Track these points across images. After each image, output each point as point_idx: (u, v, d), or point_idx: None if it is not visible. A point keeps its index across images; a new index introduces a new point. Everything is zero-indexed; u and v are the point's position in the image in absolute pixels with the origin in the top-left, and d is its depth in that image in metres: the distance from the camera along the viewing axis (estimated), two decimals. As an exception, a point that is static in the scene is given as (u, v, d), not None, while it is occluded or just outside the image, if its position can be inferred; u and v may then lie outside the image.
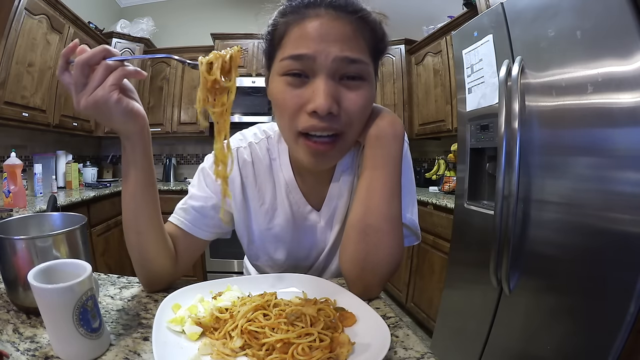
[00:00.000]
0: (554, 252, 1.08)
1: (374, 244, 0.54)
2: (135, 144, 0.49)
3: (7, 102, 1.83)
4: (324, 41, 0.48)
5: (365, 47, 0.51)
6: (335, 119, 0.50)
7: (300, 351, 0.39)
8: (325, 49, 0.48)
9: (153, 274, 0.57)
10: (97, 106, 0.42)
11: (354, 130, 0.53)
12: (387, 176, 0.54)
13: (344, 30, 0.49)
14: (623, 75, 0.88)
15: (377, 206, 0.54)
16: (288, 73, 0.50)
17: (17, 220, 0.55)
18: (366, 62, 0.50)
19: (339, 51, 0.48)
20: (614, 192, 0.92)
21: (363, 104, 0.51)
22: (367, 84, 0.51)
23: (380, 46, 0.55)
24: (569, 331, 1.03)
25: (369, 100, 0.52)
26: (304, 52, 0.48)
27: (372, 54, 0.53)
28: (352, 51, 0.49)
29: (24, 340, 0.43)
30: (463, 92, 1.53)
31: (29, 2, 1.90)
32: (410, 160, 0.66)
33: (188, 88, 3.06)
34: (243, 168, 0.66)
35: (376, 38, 0.53)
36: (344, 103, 0.50)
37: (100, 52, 0.42)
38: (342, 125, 0.51)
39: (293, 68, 0.49)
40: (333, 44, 0.48)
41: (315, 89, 0.48)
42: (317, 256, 0.68)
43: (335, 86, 0.49)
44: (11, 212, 1.50)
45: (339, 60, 0.48)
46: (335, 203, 0.66)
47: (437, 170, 2.57)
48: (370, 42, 0.52)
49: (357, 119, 0.52)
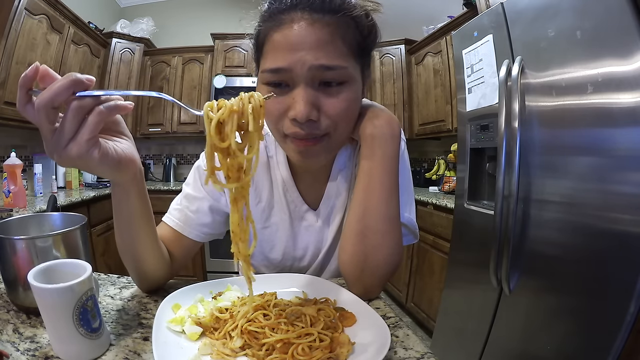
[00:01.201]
0: (554, 252, 1.08)
1: (373, 245, 0.54)
2: (128, 189, 0.44)
3: (7, 102, 1.84)
4: (299, 50, 0.47)
5: (345, 48, 0.49)
6: (316, 124, 0.50)
7: (300, 351, 0.39)
8: (300, 59, 0.47)
9: (149, 280, 0.57)
10: (74, 163, 0.34)
11: (341, 130, 0.53)
12: (384, 176, 0.54)
13: (320, 35, 0.47)
14: (623, 75, 0.88)
15: (376, 207, 0.54)
16: (269, 84, 0.50)
17: (17, 220, 0.55)
18: (344, 66, 0.49)
19: (314, 59, 0.47)
20: (614, 192, 0.92)
21: (345, 107, 0.51)
22: (348, 87, 0.50)
23: (368, 41, 0.54)
24: (569, 331, 1.03)
25: (351, 102, 0.51)
26: (280, 65, 0.48)
27: (355, 53, 0.51)
28: (328, 57, 0.47)
29: (24, 340, 0.43)
30: (463, 92, 1.53)
31: (29, 2, 1.90)
32: (408, 159, 0.66)
33: (188, 88, 3.06)
34: None
35: (361, 34, 0.52)
36: (325, 108, 0.50)
37: (67, 87, 0.32)
38: (324, 129, 0.51)
39: (272, 80, 0.50)
40: (308, 52, 0.47)
41: (294, 96, 0.49)
42: (314, 256, 0.68)
43: (314, 93, 0.49)
44: (11, 212, 1.50)
45: (314, 68, 0.47)
46: (332, 202, 0.65)
47: (437, 170, 2.57)
48: (354, 41, 0.51)
49: (341, 121, 0.52)
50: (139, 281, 0.57)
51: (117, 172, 0.40)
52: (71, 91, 0.32)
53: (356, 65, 0.52)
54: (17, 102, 0.33)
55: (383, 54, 2.99)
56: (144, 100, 3.08)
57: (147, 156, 3.45)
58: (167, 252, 0.58)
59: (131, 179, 0.44)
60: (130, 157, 0.41)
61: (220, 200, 0.64)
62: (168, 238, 0.60)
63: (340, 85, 0.50)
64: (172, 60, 3.07)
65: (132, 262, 0.53)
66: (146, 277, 0.56)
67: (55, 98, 0.31)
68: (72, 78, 0.32)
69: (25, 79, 0.32)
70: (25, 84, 0.32)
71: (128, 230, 0.49)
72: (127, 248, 0.51)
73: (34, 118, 0.32)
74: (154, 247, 0.53)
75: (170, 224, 0.62)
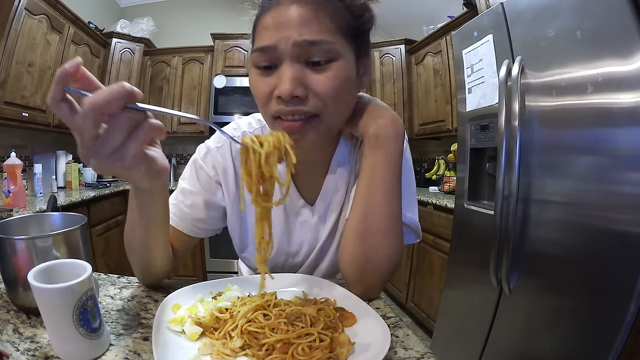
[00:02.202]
0: (554, 252, 1.08)
1: (374, 246, 0.53)
2: (154, 195, 0.45)
3: (7, 102, 1.83)
4: (283, 28, 0.47)
5: (332, 25, 0.48)
6: (303, 101, 0.49)
7: (300, 351, 0.39)
8: (284, 36, 0.47)
9: (154, 276, 0.58)
10: (114, 172, 0.34)
11: (331, 111, 0.51)
12: (387, 177, 0.54)
13: (302, 12, 0.47)
14: (623, 75, 0.88)
15: (378, 208, 0.53)
16: (258, 65, 0.51)
17: (17, 220, 0.55)
18: (330, 41, 0.48)
19: (298, 35, 0.47)
20: (614, 192, 0.92)
21: (333, 85, 0.49)
22: (337, 64, 0.49)
23: (360, 22, 0.52)
24: (569, 331, 1.03)
25: (341, 80, 0.50)
26: (266, 43, 0.48)
27: (345, 31, 0.50)
28: (312, 33, 0.47)
29: (24, 340, 0.43)
30: (463, 92, 1.53)
31: (29, 2, 1.90)
32: (410, 158, 0.65)
33: (188, 88, 3.06)
34: (237, 158, 0.63)
35: (352, 15, 0.51)
36: (312, 86, 0.49)
37: (121, 97, 0.31)
38: (313, 107, 0.49)
39: (260, 60, 0.50)
40: (292, 29, 0.47)
41: (280, 74, 0.48)
42: (308, 253, 0.67)
43: (300, 69, 0.48)
44: (11, 212, 1.50)
45: (298, 44, 0.47)
46: (329, 198, 0.64)
47: (437, 170, 2.57)
48: (342, 20, 0.50)
49: (330, 100, 0.50)
50: (144, 276, 0.58)
51: (153, 180, 0.40)
52: (123, 101, 0.31)
53: (346, 45, 0.50)
54: (51, 97, 0.31)
55: (383, 54, 2.99)
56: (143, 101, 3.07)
57: (147, 156, 3.45)
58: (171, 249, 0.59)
59: (161, 187, 0.44)
60: (166, 166, 0.41)
61: (216, 195, 0.64)
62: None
63: (329, 63, 0.49)
64: (172, 60, 3.07)
65: (141, 259, 0.54)
66: (154, 273, 0.57)
67: (107, 105, 0.30)
68: (126, 89, 0.31)
69: (63, 73, 0.30)
70: (63, 80, 0.31)
71: (145, 231, 0.49)
72: (139, 247, 0.52)
73: (69, 118, 0.31)
74: (166, 245, 0.55)
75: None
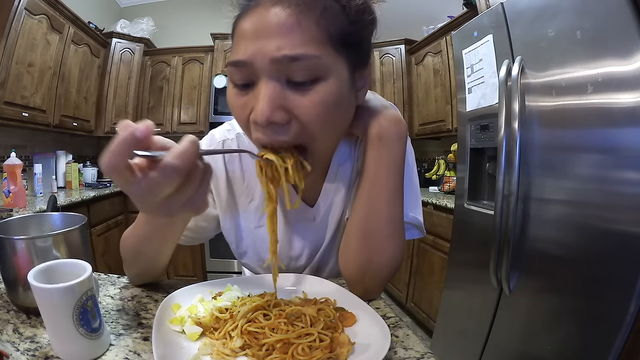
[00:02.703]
0: (554, 252, 1.08)
1: (376, 250, 0.52)
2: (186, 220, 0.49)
3: (7, 102, 1.83)
4: (260, 38, 0.39)
5: (319, 32, 0.40)
6: (284, 129, 0.42)
7: (300, 351, 0.39)
8: (260, 50, 0.39)
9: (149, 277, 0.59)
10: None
11: (321, 140, 0.45)
12: (390, 179, 0.52)
13: (283, 17, 0.39)
14: (623, 75, 0.88)
15: (380, 210, 0.52)
16: (235, 85, 0.44)
17: (17, 220, 0.55)
18: (314, 54, 0.39)
19: (275, 49, 0.39)
20: (614, 192, 0.92)
21: (319, 112, 0.41)
22: (324, 84, 0.41)
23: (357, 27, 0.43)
24: (569, 331, 1.03)
25: (329, 105, 0.42)
26: (240, 57, 0.41)
27: (336, 40, 0.41)
28: (293, 46, 0.39)
29: (24, 340, 0.43)
30: (463, 92, 1.53)
31: (29, 2, 1.90)
32: (413, 154, 0.62)
33: (188, 88, 3.06)
34: (230, 162, 0.62)
35: (347, 17, 0.42)
36: (294, 110, 0.41)
37: (193, 154, 0.30)
38: (296, 137, 0.43)
39: (236, 77, 0.43)
40: (269, 40, 0.39)
41: (256, 94, 0.41)
42: (311, 256, 0.65)
43: (280, 90, 0.40)
44: (11, 212, 1.50)
45: (277, 61, 0.39)
46: (331, 199, 0.61)
47: (437, 170, 2.57)
48: (334, 25, 0.41)
49: (318, 130, 0.43)
50: (140, 278, 0.58)
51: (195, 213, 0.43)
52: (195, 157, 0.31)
53: (338, 56, 0.42)
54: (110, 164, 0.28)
55: (383, 54, 2.99)
56: (143, 100, 3.08)
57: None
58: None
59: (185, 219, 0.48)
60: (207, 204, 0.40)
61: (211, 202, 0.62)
62: None
63: (314, 83, 0.41)
64: (172, 60, 3.07)
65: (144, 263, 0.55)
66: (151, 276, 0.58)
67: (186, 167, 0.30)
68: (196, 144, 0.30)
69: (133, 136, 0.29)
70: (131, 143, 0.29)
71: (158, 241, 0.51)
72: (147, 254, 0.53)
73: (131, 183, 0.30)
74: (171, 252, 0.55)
75: None
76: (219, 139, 0.62)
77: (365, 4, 0.44)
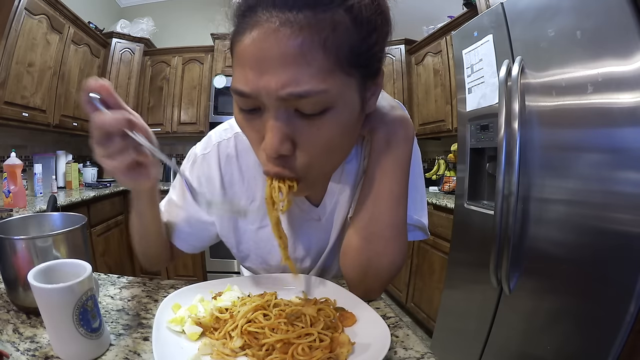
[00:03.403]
0: (554, 252, 1.08)
1: (377, 252, 0.52)
2: (139, 196, 0.52)
3: (7, 102, 1.83)
4: (263, 71, 0.36)
5: (329, 60, 0.36)
6: (289, 160, 0.42)
7: (300, 351, 0.39)
8: (265, 86, 0.37)
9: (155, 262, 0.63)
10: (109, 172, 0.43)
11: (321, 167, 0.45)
12: (394, 182, 0.51)
13: (287, 47, 0.35)
14: (623, 75, 0.88)
15: (383, 214, 0.51)
16: (242, 110, 0.42)
17: (17, 220, 0.55)
18: (322, 89, 0.36)
19: (280, 87, 0.36)
20: (614, 192, 0.92)
21: (326, 141, 0.41)
22: (333, 112, 0.39)
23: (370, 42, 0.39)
24: (569, 331, 1.03)
25: (337, 132, 0.41)
26: (245, 90, 0.38)
27: (347, 62, 0.38)
28: (298, 82, 0.36)
29: (24, 340, 0.43)
30: (463, 92, 1.53)
31: (29, 2, 1.90)
32: (419, 154, 0.60)
33: (188, 88, 3.06)
34: (225, 165, 0.60)
35: (359, 33, 0.38)
36: (301, 139, 0.40)
37: (122, 125, 0.40)
38: (299, 168, 0.42)
39: (242, 103, 0.41)
40: (273, 75, 0.36)
41: (266, 125, 0.40)
42: (317, 257, 0.63)
43: (288, 122, 0.39)
44: (11, 212, 1.50)
45: (282, 99, 0.37)
46: (336, 198, 0.59)
47: (437, 170, 2.57)
48: (345, 46, 0.37)
49: (322, 159, 0.43)
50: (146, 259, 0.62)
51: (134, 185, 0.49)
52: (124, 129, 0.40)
53: (347, 79, 0.39)
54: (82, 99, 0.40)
55: (383, 54, 2.99)
56: (144, 100, 3.08)
57: (147, 156, 3.45)
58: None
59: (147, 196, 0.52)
60: (147, 178, 0.47)
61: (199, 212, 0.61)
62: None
63: (323, 113, 0.39)
64: (172, 60, 3.07)
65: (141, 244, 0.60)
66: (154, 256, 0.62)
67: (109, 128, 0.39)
68: (127, 120, 0.40)
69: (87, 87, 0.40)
70: (87, 90, 0.40)
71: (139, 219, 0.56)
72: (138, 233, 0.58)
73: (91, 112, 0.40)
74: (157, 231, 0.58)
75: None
76: (215, 140, 0.61)
77: (379, 8, 0.40)
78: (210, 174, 0.60)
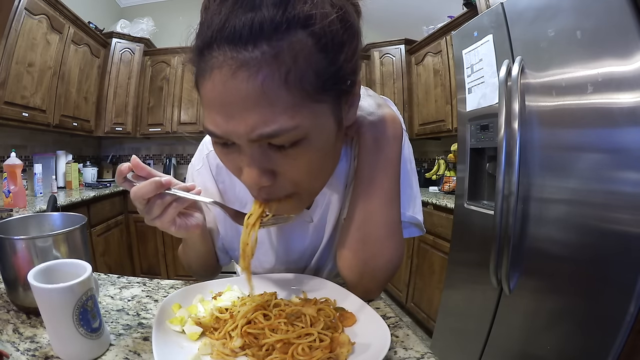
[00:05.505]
0: (554, 252, 1.08)
1: (373, 252, 0.52)
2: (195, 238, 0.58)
3: (7, 102, 1.84)
4: (229, 117, 0.36)
5: (294, 95, 0.35)
6: (273, 187, 0.42)
7: (300, 351, 0.39)
8: (234, 130, 0.36)
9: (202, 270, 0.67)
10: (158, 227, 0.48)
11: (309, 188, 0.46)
12: (385, 181, 0.50)
13: (247, 90, 0.33)
14: (623, 75, 0.88)
15: (376, 214, 0.51)
16: (216, 143, 0.41)
17: (17, 220, 0.55)
18: (291, 127, 0.35)
19: (250, 130, 0.35)
20: (614, 192, 0.92)
21: (306, 168, 0.41)
22: (306, 143, 0.38)
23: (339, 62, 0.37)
24: (569, 331, 1.03)
25: (313, 160, 0.40)
26: (215, 131, 0.38)
27: (315, 90, 0.36)
28: (266, 123, 0.35)
29: (24, 340, 0.43)
30: (463, 92, 1.53)
31: (29, 2, 1.90)
32: (411, 150, 0.59)
33: (188, 88, 3.06)
34: (217, 175, 0.62)
35: (326, 57, 0.36)
36: (281, 170, 0.40)
37: (155, 189, 0.44)
38: (284, 190, 0.43)
39: (216, 139, 0.40)
40: (240, 119, 0.35)
41: (243, 159, 0.39)
42: (309, 257, 0.63)
43: (263, 157, 0.38)
44: (11, 212, 1.50)
45: (253, 140, 0.36)
46: (327, 199, 0.59)
47: (437, 170, 2.57)
48: (310, 76, 0.35)
49: (305, 182, 0.43)
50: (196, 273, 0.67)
51: (186, 234, 0.53)
52: (158, 191, 0.44)
53: (319, 107, 0.37)
54: (117, 179, 0.46)
55: (383, 54, 2.99)
56: (144, 101, 3.08)
57: (147, 156, 3.45)
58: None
59: (198, 234, 0.57)
60: (197, 225, 0.53)
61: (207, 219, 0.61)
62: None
63: (295, 145, 0.37)
64: (172, 60, 3.07)
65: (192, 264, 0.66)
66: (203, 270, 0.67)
67: (146, 195, 0.44)
68: (160, 182, 0.44)
69: (121, 170, 0.45)
70: (122, 174, 0.45)
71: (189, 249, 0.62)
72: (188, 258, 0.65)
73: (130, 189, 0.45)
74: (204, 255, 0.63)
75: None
76: (204, 152, 0.63)
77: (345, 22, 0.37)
78: (205, 185, 0.62)
